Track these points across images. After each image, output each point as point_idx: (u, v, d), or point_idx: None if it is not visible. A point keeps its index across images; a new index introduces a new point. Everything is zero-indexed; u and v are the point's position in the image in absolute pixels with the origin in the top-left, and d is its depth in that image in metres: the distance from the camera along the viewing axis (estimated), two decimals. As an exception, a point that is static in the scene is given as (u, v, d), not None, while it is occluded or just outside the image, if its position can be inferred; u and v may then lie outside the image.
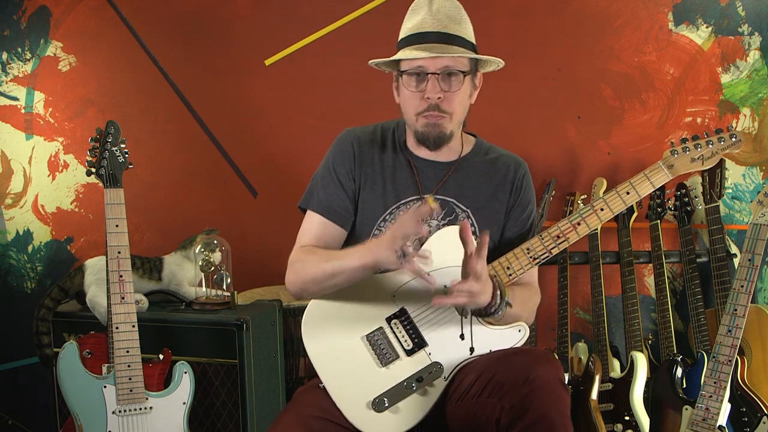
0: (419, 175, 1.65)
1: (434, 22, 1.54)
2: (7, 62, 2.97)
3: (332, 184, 1.65)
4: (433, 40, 1.53)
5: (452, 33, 1.54)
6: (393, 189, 1.64)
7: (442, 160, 1.67)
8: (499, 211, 1.68)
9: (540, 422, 1.31)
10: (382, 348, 1.52)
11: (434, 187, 1.65)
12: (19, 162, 3.00)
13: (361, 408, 1.48)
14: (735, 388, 2.20)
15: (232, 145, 2.87)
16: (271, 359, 2.27)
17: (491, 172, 1.69)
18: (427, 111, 1.56)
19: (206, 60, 2.85)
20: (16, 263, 3.02)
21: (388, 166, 1.66)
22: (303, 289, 1.59)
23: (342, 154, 1.67)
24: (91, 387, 1.98)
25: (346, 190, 1.65)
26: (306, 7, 2.77)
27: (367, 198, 1.65)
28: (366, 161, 1.66)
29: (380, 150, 1.68)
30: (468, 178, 1.68)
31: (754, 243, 1.94)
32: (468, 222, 1.45)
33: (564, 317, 2.54)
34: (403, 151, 1.68)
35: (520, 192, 1.70)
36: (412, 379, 1.49)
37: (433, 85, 1.53)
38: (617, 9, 2.60)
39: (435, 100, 1.54)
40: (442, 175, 1.66)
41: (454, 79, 1.55)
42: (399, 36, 1.61)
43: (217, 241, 2.35)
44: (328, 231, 1.64)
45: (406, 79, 1.57)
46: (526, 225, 1.71)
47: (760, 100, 2.53)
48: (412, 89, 1.56)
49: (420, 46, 1.53)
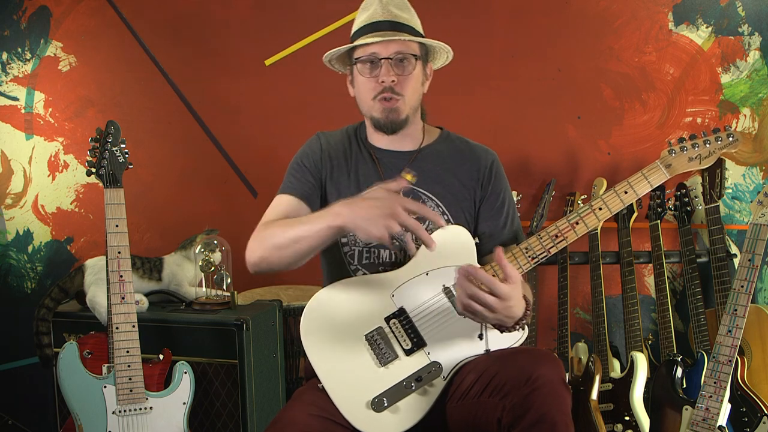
0: (381, 166, 1.70)
1: (384, 13, 1.63)
2: (7, 62, 2.97)
3: (300, 171, 1.71)
4: (384, 28, 1.62)
5: (401, 21, 1.63)
6: (356, 182, 1.69)
7: (403, 149, 1.72)
8: (467, 198, 1.69)
9: (541, 422, 1.31)
10: (381, 348, 1.52)
11: (396, 176, 1.65)
12: (19, 162, 3.00)
13: (360, 408, 1.48)
14: (735, 388, 2.20)
15: (232, 145, 2.87)
16: (271, 359, 2.27)
17: (457, 160, 1.72)
18: (381, 94, 1.62)
19: (206, 60, 2.85)
20: (16, 263, 3.02)
21: (352, 162, 1.72)
22: (262, 258, 1.56)
23: (310, 150, 1.74)
24: (91, 387, 1.98)
25: (313, 175, 1.70)
26: (306, 7, 2.77)
27: (332, 190, 1.70)
28: (333, 156, 1.72)
29: (346, 147, 1.74)
30: (431, 165, 1.70)
31: (754, 243, 1.94)
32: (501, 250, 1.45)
33: (564, 317, 2.54)
34: (364, 144, 1.74)
35: (490, 180, 1.71)
36: (411, 378, 1.49)
37: (387, 69, 1.60)
38: (617, 9, 2.60)
39: (389, 83, 1.61)
40: (403, 164, 1.69)
41: (406, 63, 1.62)
42: (352, 30, 1.68)
43: (217, 241, 2.35)
44: (293, 208, 1.66)
45: (360, 67, 1.64)
46: (502, 213, 1.71)
47: (760, 100, 2.53)
48: (367, 75, 1.63)
49: (372, 34, 1.62)
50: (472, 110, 2.69)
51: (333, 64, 1.75)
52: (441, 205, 1.67)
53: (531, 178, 2.68)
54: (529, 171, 2.68)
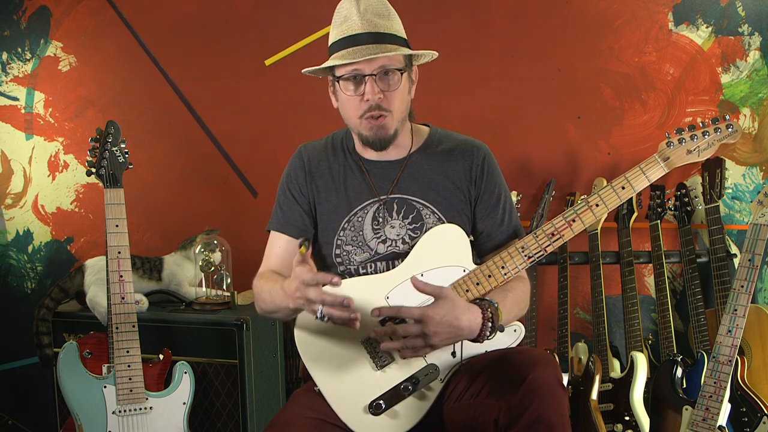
0: (371, 178, 1.65)
1: (363, 23, 1.52)
2: (7, 62, 2.98)
3: (287, 202, 1.69)
4: (365, 41, 1.51)
5: (383, 31, 1.53)
6: (346, 198, 1.65)
7: (391, 158, 1.66)
8: (462, 200, 1.65)
9: (538, 422, 1.31)
10: (377, 351, 1.52)
11: (388, 186, 1.64)
12: (19, 162, 3.00)
13: (357, 411, 1.48)
14: (735, 388, 2.20)
15: (232, 145, 2.87)
16: (271, 359, 2.28)
17: (448, 162, 1.67)
18: (368, 112, 1.55)
19: (206, 60, 2.85)
20: (16, 263, 3.02)
21: (339, 174, 1.67)
22: (261, 310, 1.63)
23: (294, 173, 1.70)
24: (91, 387, 1.98)
25: (301, 205, 1.68)
26: (306, 7, 2.77)
27: (323, 210, 1.67)
28: (317, 174, 1.68)
29: (331, 159, 1.69)
30: (422, 172, 1.66)
31: (754, 243, 1.94)
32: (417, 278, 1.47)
33: (564, 317, 2.54)
34: (352, 155, 1.69)
35: (483, 177, 1.66)
36: (408, 381, 1.48)
37: (372, 87, 1.52)
38: (617, 9, 2.59)
39: (375, 101, 1.53)
40: (394, 174, 1.65)
41: (391, 78, 1.54)
42: (329, 40, 1.58)
43: (217, 241, 2.35)
44: (289, 246, 1.68)
45: (343, 84, 1.56)
46: (498, 210, 1.67)
47: (760, 100, 2.53)
48: (351, 93, 1.55)
49: (352, 49, 1.51)
50: (472, 110, 2.68)
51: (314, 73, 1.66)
52: (437, 212, 1.64)
53: (531, 178, 2.68)
54: (529, 171, 2.68)
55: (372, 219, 1.63)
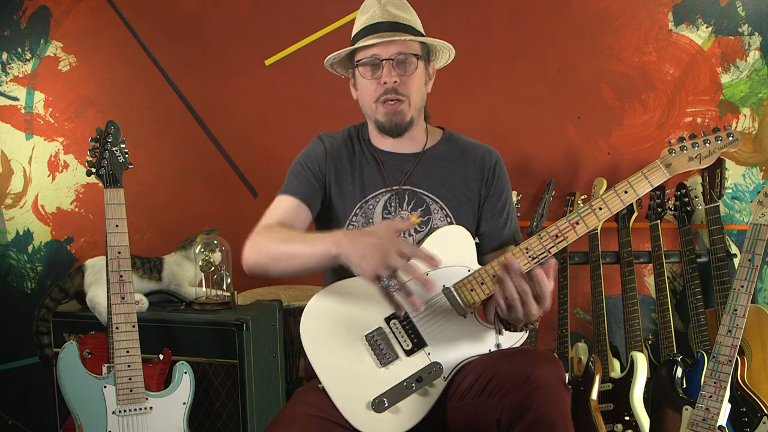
0: (385, 168, 1.69)
1: (383, 13, 1.62)
2: (7, 62, 2.97)
3: (303, 173, 1.69)
4: (384, 29, 1.60)
5: (401, 21, 1.62)
6: (360, 185, 1.68)
7: (406, 151, 1.71)
8: (471, 200, 1.69)
9: (541, 422, 1.31)
10: (381, 348, 1.52)
11: (401, 178, 1.67)
12: (19, 162, 3.00)
13: (360, 408, 1.48)
14: (735, 388, 2.20)
15: (232, 145, 2.87)
16: (271, 359, 2.27)
17: (461, 161, 1.71)
18: (384, 95, 1.60)
19: (206, 60, 2.85)
20: (16, 263, 3.02)
21: (355, 164, 1.71)
22: (258, 263, 1.56)
23: (314, 152, 1.72)
24: (91, 387, 1.98)
25: (316, 179, 1.68)
26: (306, 7, 2.77)
27: (337, 195, 1.69)
28: (336, 159, 1.71)
29: (349, 149, 1.73)
30: (435, 168, 1.70)
31: (754, 243, 1.94)
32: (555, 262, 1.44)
33: (564, 317, 2.54)
34: (368, 146, 1.73)
35: (493, 181, 1.71)
36: (411, 379, 1.49)
37: (389, 70, 1.59)
38: (617, 9, 2.60)
39: (392, 84, 1.59)
40: (408, 166, 1.69)
41: (408, 63, 1.60)
42: (353, 32, 1.67)
43: (217, 241, 2.35)
44: (294, 210, 1.65)
45: (361, 69, 1.62)
46: (503, 213, 1.71)
47: (760, 100, 2.53)
48: (368, 77, 1.62)
49: (372, 35, 1.60)
50: (472, 110, 2.69)
51: (335, 69, 1.74)
52: (445, 207, 1.67)
53: (531, 178, 2.68)
54: (529, 171, 2.68)
55: (383, 208, 1.67)
